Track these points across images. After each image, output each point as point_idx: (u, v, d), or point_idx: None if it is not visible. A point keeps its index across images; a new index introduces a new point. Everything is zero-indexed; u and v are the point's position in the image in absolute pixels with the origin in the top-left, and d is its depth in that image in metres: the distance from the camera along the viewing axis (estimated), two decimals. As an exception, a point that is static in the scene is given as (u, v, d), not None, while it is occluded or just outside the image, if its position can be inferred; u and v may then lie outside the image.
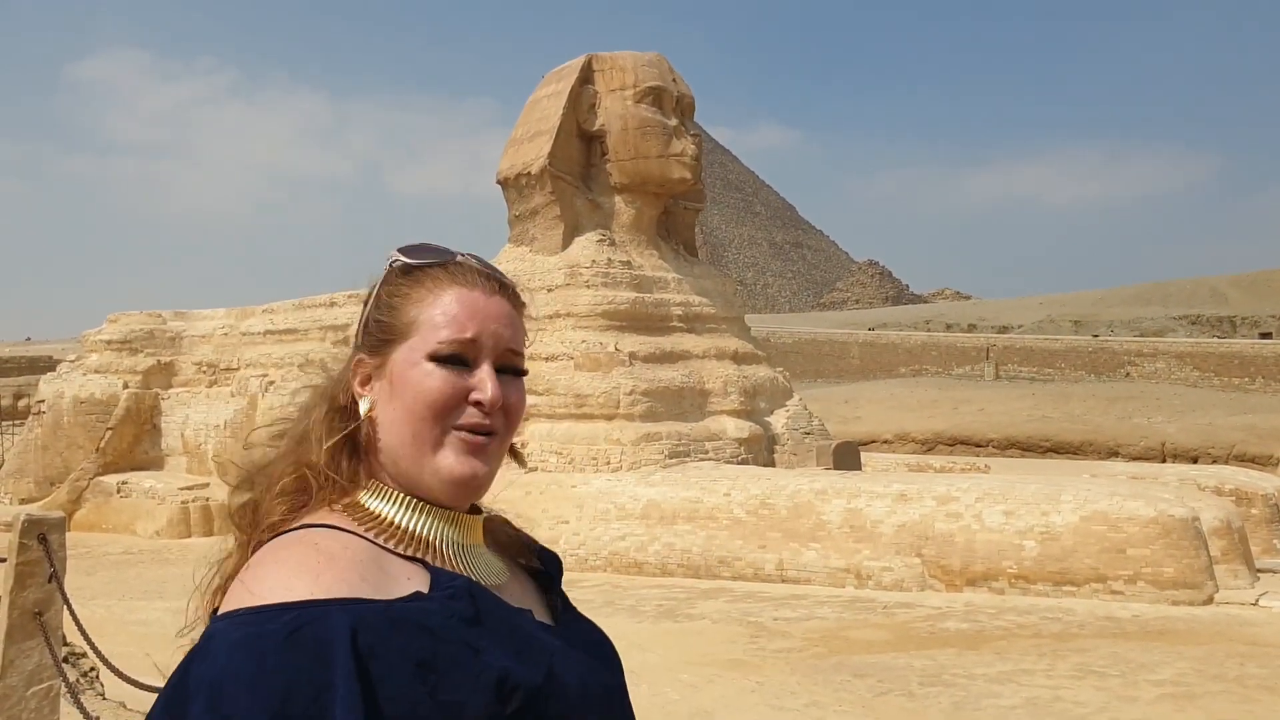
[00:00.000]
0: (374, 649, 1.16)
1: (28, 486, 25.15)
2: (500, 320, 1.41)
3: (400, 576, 1.29)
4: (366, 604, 1.20)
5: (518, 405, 1.41)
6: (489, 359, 1.39)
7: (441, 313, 1.38)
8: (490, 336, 1.39)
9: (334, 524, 1.33)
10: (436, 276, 1.42)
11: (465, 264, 1.44)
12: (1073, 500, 12.91)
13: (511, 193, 20.58)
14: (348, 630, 1.14)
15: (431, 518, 1.39)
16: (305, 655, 1.11)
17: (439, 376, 1.36)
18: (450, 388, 1.35)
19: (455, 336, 1.37)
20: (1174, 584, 12.13)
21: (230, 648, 1.11)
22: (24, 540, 5.78)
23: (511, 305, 1.45)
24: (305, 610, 1.15)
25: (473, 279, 1.42)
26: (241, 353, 24.95)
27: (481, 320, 1.39)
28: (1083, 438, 30.87)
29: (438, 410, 1.35)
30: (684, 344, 19.43)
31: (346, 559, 1.26)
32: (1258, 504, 16.01)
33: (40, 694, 5.84)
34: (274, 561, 1.24)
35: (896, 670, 9.42)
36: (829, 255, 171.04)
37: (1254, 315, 57.69)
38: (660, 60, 20.56)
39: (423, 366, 1.36)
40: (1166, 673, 9.14)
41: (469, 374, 1.37)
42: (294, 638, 1.12)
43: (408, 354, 1.38)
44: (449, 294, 1.40)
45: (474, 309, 1.39)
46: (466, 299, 1.40)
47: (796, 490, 14.75)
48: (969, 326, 63.09)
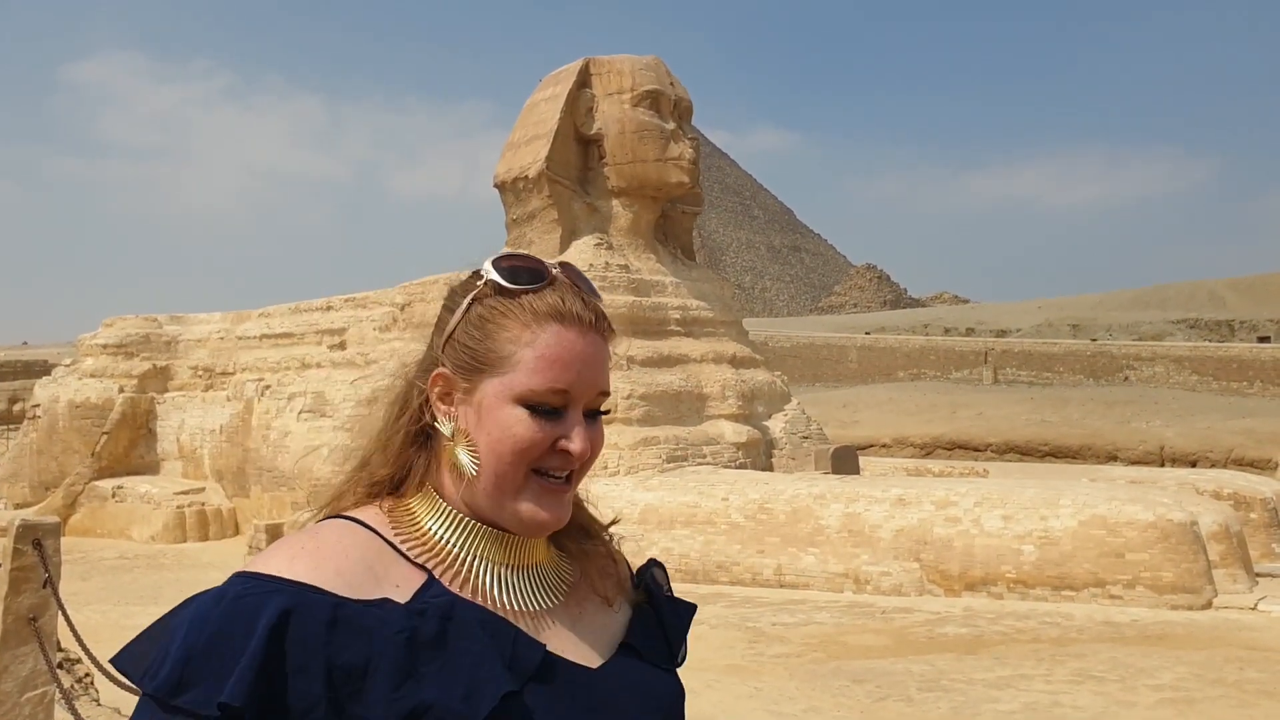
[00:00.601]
0: (304, 639, 1.17)
1: (22, 491, 25.11)
2: (595, 365, 1.36)
3: (389, 581, 1.28)
4: (319, 594, 1.20)
5: (598, 445, 1.37)
6: (580, 406, 1.35)
7: (538, 356, 1.33)
8: (584, 387, 1.34)
9: (362, 519, 1.36)
10: (535, 308, 1.35)
11: (562, 290, 1.38)
12: (1071, 505, 12.90)
13: (509, 196, 20.57)
14: (279, 609, 1.17)
15: (472, 536, 1.37)
16: (239, 618, 1.16)
17: (530, 426, 1.32)
18: (541, 436, 1.32)
19: (551, 386, 1.32)
20: (1173, 588, 12.12)
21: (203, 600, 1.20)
22: (19, 545, 5.76)
23: (603, 340, 1.39)
24: (260, 583, 1.20)
25: (571, 315, 1.35)
26: (237, 357, 24.91)
27: (579, 368, 1.34)
28: (1081, 442, 30.90)
29: (526, 458, 1.33)
30: (681, 348, 19.42)
31: (337, 551, 1.27)
32: (1256, 508, 16.00)
33: (35, 700, 5.81)
34: (282, 541, 1.29)
35: (895, 675, 9.40)
36: (827, 259, 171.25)
37: (1252, 319, 57.78)
38: (658, 64, 20.57)
39: (514, 411, 1.32)
40: (1165, 678, 9.13)
41: (559, 421, 1.34)
42: (238, 601, 1.18)
43: (499, 389, 1.34)
44: (547, 334, 1.34)
45: (572, 355, 1.34)
46: (565, 342, 1.34)
47: (795, 495, 14.72)
48: (967, 330, 63.16)
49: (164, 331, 26.53)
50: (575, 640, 1.39)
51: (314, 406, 20.81)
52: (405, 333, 21.22)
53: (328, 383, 21.14)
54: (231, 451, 22.67)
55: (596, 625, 1.44)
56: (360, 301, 23.64)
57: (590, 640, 1.41)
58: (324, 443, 20.16)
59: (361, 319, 22.86)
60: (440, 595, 1.29)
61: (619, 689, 1.36)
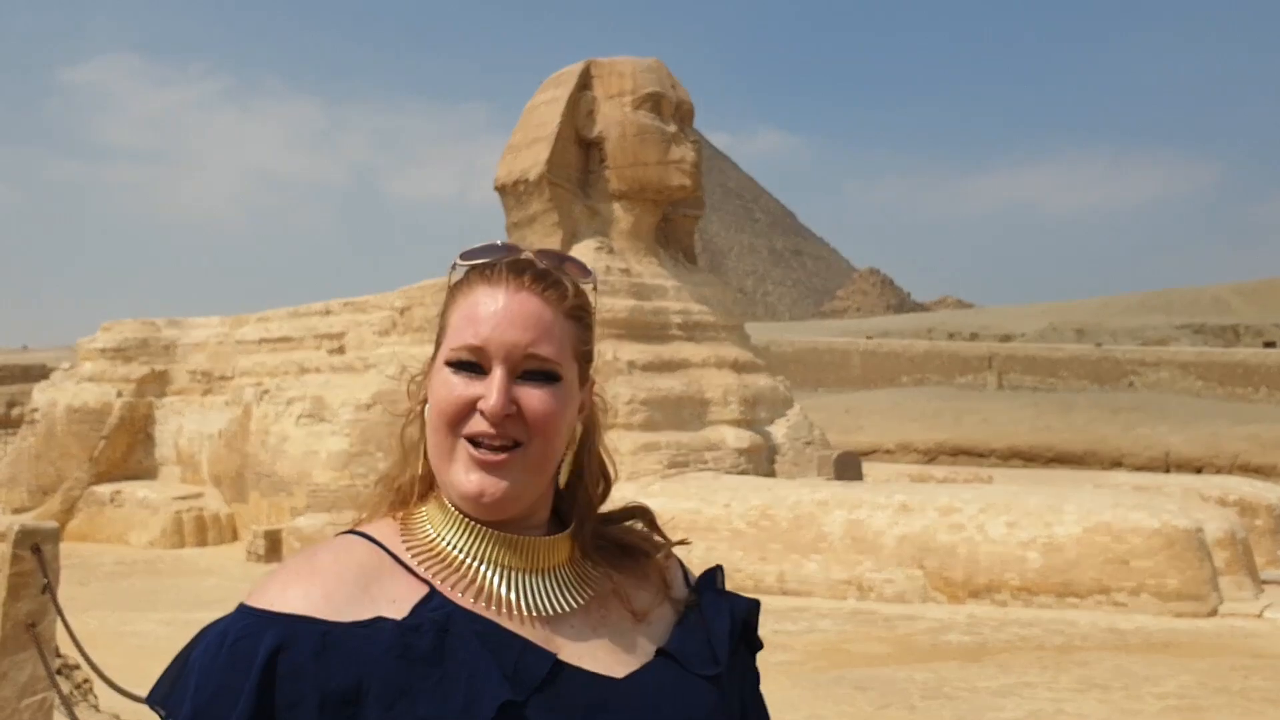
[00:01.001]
0: (295, 673, 1.17)
1: (20, 496, 25.08)
2: (518, 323, 1.31)
3: (384, 598, 1.26)
4: (307, 624, 1.20)
5: (540, 412, 1.30)
6: (502, 365, 1.30)
7: (461, 315, 1.33)
8: (500, 343, 1.30)
9: (366, 532, 1.35)
10: (472, 278, 1.37)
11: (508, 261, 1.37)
12: (1076, 511, 12.85)
13: (509, 200, 20.55)
14: (269, 649, 1.17)
15: (478, 540, 1.34)
16: (237, 665, 1.18)
17: (449, 384, 1.31)
18: (456, 395, 1.30)
19: (464, 343, 1.31)
20: (1178, 596, 12.06)
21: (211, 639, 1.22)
22: (17, 551, 5.73)
23: (545, 303, 1.34)
24: (254, 620, 1.21)
25: (500, 276, 1.34)
26: (236, 361, 24.88)
27: (495, 323, 1.30)
28: (1086, 448, 30.84)
29: (448, 419, 1.30)
30: (683, 352, 19.37)
31: (330, 574, 1.26)
32: (1262, 515, 15.95)
33: (34, 706, 5.77)
34: (282, 567, 1.30)
35: (898, 683, 9.35)
36: (830, 263, 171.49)
37: (1258, 324, 57.71)
38: (659, 66, 20.55)
39: (442, 374, 1.33)
40: (1170, 685, 9.07)
41: (481, 380, 1.30)
42: (236, 646, 1.19)
43: (438, 359, 1.35)
44: (474, 295, 1.34)
45: (489, 311, 1.31)
46: (485, 300, 1.33)
47: (797, 501, 14.67)
48: (971, 335, 63.13)
49: (162, 336, 26.49)
50: (596, 648, 1.34)
51: (313, 411, 20.76)
52: (404, 337, 21.19)
53: (326, 387, 21.10)
54: (230, 456, 22.62)
55: (622, 634, 1.38)
56: (359, 306, 23.62)
57: (616, 648, 1.36)
58: (322, 447, 20.13)
59: (360, 323, 22.82)
60: (439, 608, 1.26)
61: (643, 700, 1.30)
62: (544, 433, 1.31)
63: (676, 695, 1.34)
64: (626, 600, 1.41)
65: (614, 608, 1.40)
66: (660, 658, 1.37)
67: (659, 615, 1.43)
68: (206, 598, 15.78)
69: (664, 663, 1.37)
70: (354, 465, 19.50)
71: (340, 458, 19.70)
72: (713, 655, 1.42)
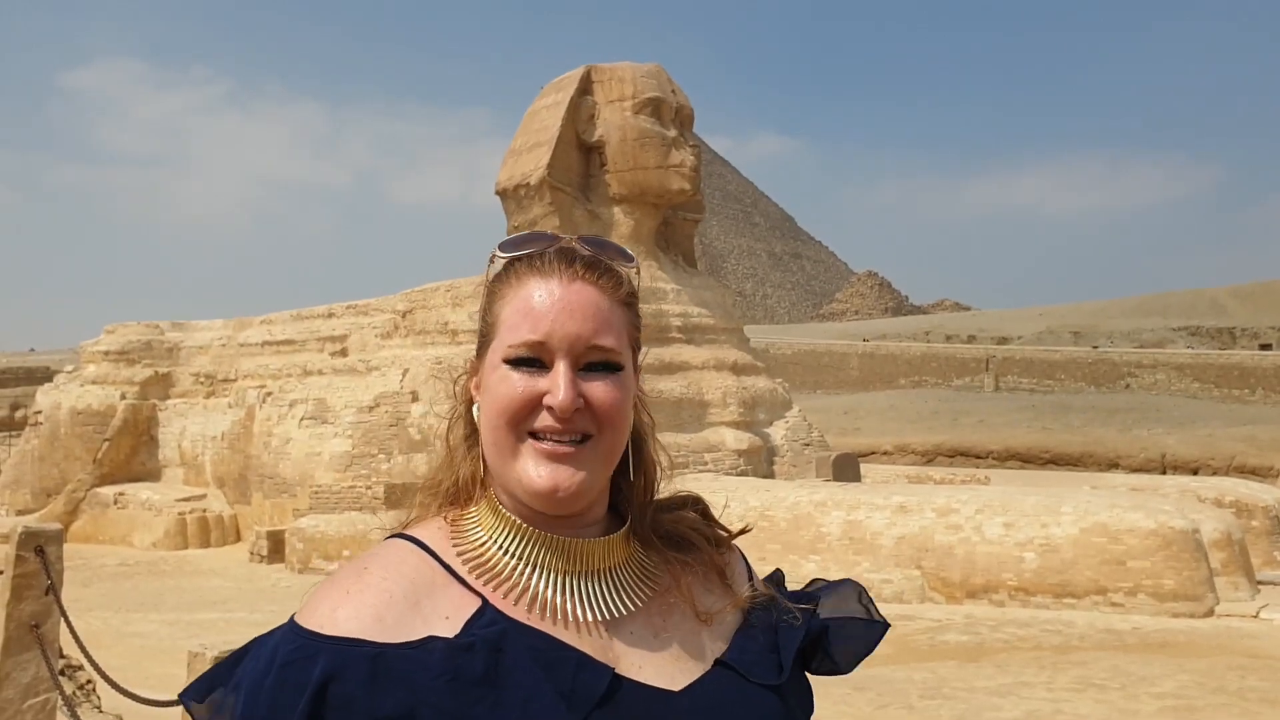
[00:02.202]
0: (347, 702, 1.14)
1: (24, 497, 25.13)
2: (578, 314, 1.27)
3: (437, 614, 1.22)
4: (358, 648, 1.16)
5: (608, 404, 1.26)
6: (565, 358, 1.25)
7: (514, 310, 1.28)
8: (562, 335, 1.25)
9: (418, 537, 1.30)
10: (520, 270, 1.31)
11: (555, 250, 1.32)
12: (1073, 512, 12.88)
13: (510, 203, 20.61)
14: (319, 679, 1.14)
15: (530, 544, 1.30)
16: (287, 691, 1.14)
17: (510, 381, 1.26)
18: (520, 392, 1.25)
19: (524, 339, 1.26)
20: (1174, 596, 12.10)
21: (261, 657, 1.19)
22: (21, 552, 5.76)
23: (601, 292, 1.30)
24: (307, 644, 1.17)
25: (551, 266, 1.29)
26: (239, 364, 24.92)
27: (555, 316, 1.26)
28: (1083, 449, 30.88)
29: (510, 417, 1.26)
30: (683, 355, 19.43)
31: (380, 590, 1.22)
32: (1258, 516, 15.99)
33: (37, 707, 5.81)
34: (331, 581, 1.25)
35: (896, 683, 9.38)
36: (828, 266, 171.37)
37: (1254, 327, 57.76)
38: (659, 71, 20.62)
39: (500, 370, 1.27)
40: (1167, 685, 9.11)
41: (544, 375, 1.26)
42: (284, 670, 1.16)
43: (492, 356, 1.30)
44: (526, 288, 1.29)
45: (547, 304, 1.26)
46: (541, 292, 1.28)
47: (796, 502, 14.72)
48: (969, 338, 63.14)
49: (166, 338, 26.54)
50: (654, 658, 1.29)
51: (316, 413, 20.81)
52: (406, 339, 21.24)
53: (329, 389, 21.15)
54: (233, 458, 22.66)
55: (684, 638, 1.33)
56: (362, 309, 23.67)
57: (674, 657, 1.30)
58: (325, 449, 20.17)
59: (363, 326, 22.89)
60: (492, 624, 1.22)
61: (701, 714, 1.26)
62: (613, 423, 1.28)
63: (737, 708, 1.29)
64: (690, 599, 1.36)
65: (676, 608, 1.35)
66: (720, 668, 1.32)
67: (721, 616, 1.38)
68: (209, 599, 15.82)
69: (724, 673, 1.31)
70: (356, 467, 19.55)
71: (343, 459, 19.75)
72: (778, 663, 1.36)
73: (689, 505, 1.47)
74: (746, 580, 1.48)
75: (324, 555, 17.87)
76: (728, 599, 1.40)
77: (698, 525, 1.45)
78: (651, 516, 1.40)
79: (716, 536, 1.46)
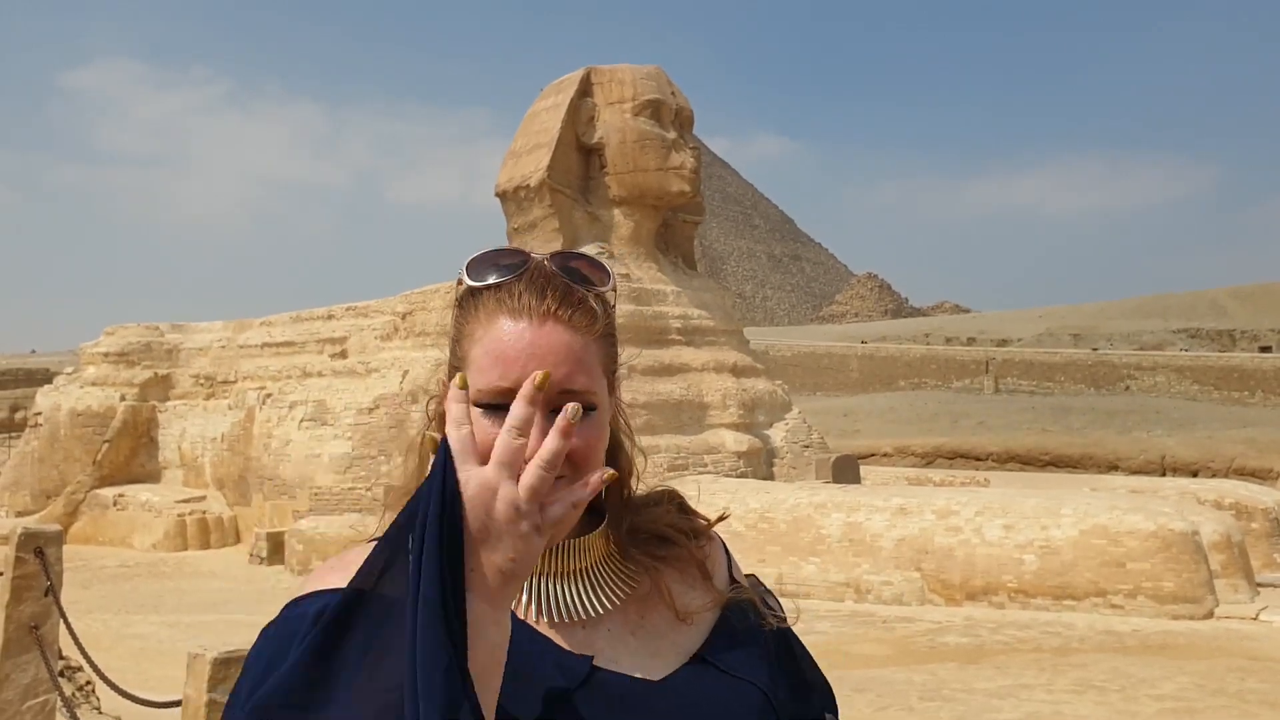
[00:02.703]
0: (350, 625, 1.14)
1: (24, 499, 25.11)
2: (549, 359, 1.21)
3: None
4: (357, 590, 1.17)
5: (581, 449, 1.20)
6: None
7: (484, 351, 1.24)
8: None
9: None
10: (488, 304, 1.26)
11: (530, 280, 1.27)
12: (1072, 514, 12.89)
13: (510, 205, 20.63)
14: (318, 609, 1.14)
15: None
16: (287, 627, 1.17)
17: (481, 426, 1.19)
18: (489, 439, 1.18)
19: (492, 385, 1.21)
20: (1174, 598, 12.11)
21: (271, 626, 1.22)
22: (20, 554, 5.78)
23: (573, 331, 1.24)
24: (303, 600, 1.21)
25: (523, 307, 1.24)
26: (239, 365, 24.93)
27: (525, 363, 1.20)
28: (1082, 451, 30.89)
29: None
30: (683, 357, 19.44)
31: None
32: (1258, 518, 15.99)
33: (36, 708, 5.81)
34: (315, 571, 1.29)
35: (896, 685, 9.38)
36: (828, 268, 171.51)
37: (1254, 329, 57.79)
38: (659, 73, 20.64)
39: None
40: (1167, 687, 9.11)
41: None
42: (282, 621, 1.20)
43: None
44: (495, 328, 1.24)
45: (516, 349, 1.22)
46: (510, 336, 1.23)
47: (796, 504, 14.72)
48: (968, 340, 63.16)
49: (166, 340, 26.55)
50: (633, 650, 1.30)
51: (315, 415, 20.81)
52: (406, 341, 21.25)
53: (329, 391, 21.16)
54: (233, 460, 22.66)
55: (662, 634, 1.33)
56: (361, 310, 23.68)
57: (655, 649, 1.31)
58: (325, 451, 20.18)
59: (363, 328, 22.90)
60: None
61: (684, 703, 1.26)
62: (587, 464, 1.22)
63: (719, 697, 1.29)
64: (669, 597, 1.35)
65: (654, 606, 1.35)
66: (699, 662, 1.32)
67: (701, 613, 1.37)
68: (209, 600, 15.82)
69: (703, 667, 1.31)
70: (356, 468, 19.56)
71: (342, 461, 19.76)
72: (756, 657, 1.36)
73: (665, 501, 1.46)
74: (727, 571, 1.48)
75: (324, 557, 17.86)
76: (708, 594, 1.40)
77: (676, 520, 1.44)
78: (630, 517, 1.39)
79: (695, 528, 1.46)
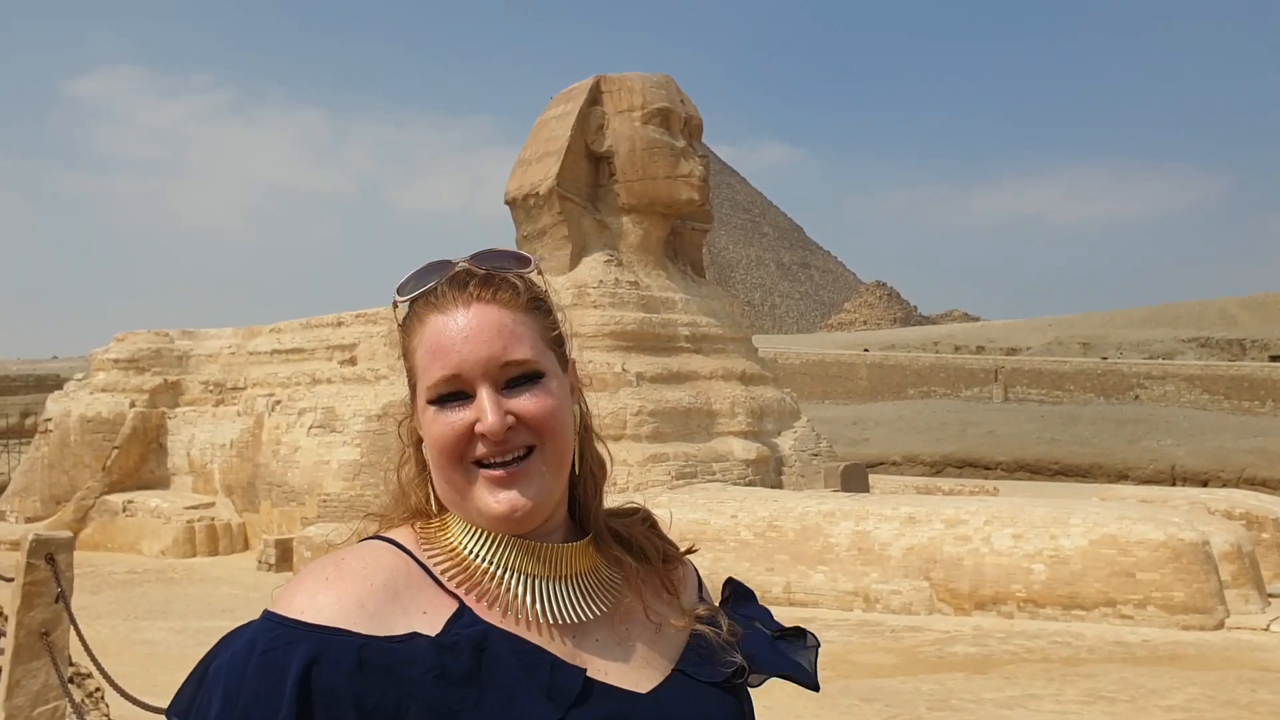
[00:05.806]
0: (332, 689, 1.15)
1: (34, 505, 25.18)
2: (483, 337, 1.29)
3: (415, 610, 1.25)
4: (342, 636, 1.18)
5: (537, 413, 1.28)
6: (484, 383, 1.28)
7: (425, 351, 1.31)
8: (473, 363, 1.28)
9: (394, 539, 1.33)
10: (420, 312, 1.34)
11: (448, 280, 1.34)
12: (1082, 523, 12.85)
13: (519, 213, 20.67)
14: (304, 662, 1.15)
15: (502, 549, 1.32)
16: (268, 677, 1.14)
17: (440, 420, 1.29)
18: (451, 429, 1.28)
19: (438, 376, 1.29)
20: (1184, 608, 12.05)
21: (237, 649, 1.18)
22: (32, 560, 5.80)
23: (501, 307, 1.32)
24: (286, 631, 1.18)
25: (446, 298, 1.32)
26: (248, 372, 24.99)
27: (460, 347, 1.28)
28: (1092, 460, 30.81)
29: (450, 455, 1.29)
30: (691, 364, 19.45)
31: (361, 579, 1.24)
32: (1268, 528, 15.90)
33: (46, 714, 5.83)
34: (307, 571, 1.26)
35: (904, 695, 9.36)
36: (836, 276, 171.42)
37: (1264, 338, 57.55)
38: (668, 81, 20.68)
39: (429, 412, 1.31)
40: (1177, 698, 9.06)
41: (469, 406, 1.29)
42: (265, 657, 1.16)
43: (420, 400, 1.33)
44: (428, 328, 1.32)
45: (449, 337, 1.29)
46: (441, 329, 1.30)
47: (804, 512, 14.70)
48: (977, 348, 63.06)
49: (175, 346, 26.62)
50: (621, 662, 1.34)
51: (324, 422, 20.86)
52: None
53: (338, 398, 21.20)
54: (242, 466, 22.71)
55: (645, 644, 1.38)
56: (370, 317, 23.72)
57: (639, 662, 1.36)
58: (333, 458, 20.21)
59: (372, 334, 22.94)
60: (472, 625, 1.25)
61: (671, 715, 1.31)
62: (551, 430, 1.30)
63: (699, 708, 1.34)
64: (648, 609, 1.41)
65: (635, 617, 1.40)
66: (678, 674, 1.37)
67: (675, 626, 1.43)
68: (218, 606, 15.85)
69: (683, 679, 1.37)
70: (365, 475, 19.59)
71: (351, 468, 19.80)
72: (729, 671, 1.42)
73: (636, 517, 1.51)
74: (697, 593, 1.55)
75: (332, 564, 17.87)
76: (680, 613, 1.46)
77: (648, 536, 1.49)
78: (605, 520, 1.44)
79: (666, 552, 1.51)
